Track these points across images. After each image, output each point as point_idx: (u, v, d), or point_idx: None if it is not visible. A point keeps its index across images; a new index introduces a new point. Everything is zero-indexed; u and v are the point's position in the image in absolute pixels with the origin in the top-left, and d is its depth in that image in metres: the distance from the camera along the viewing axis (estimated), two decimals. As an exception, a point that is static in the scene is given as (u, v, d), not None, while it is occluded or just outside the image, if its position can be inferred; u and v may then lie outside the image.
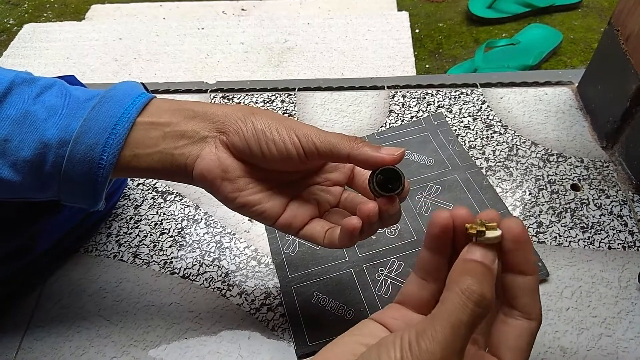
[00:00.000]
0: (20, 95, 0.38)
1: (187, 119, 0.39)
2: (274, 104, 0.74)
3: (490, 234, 0.29)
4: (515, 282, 0.30)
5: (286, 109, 0.73)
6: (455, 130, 0.68)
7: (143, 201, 0.62)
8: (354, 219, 0.37)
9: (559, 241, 0.56)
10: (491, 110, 0.71)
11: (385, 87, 0.75)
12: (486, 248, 0.29)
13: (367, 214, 0.37)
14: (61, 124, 0.37)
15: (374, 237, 0.57)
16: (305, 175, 0.42)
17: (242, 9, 1.63)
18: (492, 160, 0.64)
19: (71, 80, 0.57)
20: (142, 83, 0.42)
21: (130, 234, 0.59)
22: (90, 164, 0.37)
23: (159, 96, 0.41)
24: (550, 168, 0.63)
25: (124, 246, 0.58)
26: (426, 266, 0.33)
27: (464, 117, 0.70)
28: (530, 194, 0.61)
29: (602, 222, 0.58)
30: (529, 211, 0.59)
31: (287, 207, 0.41)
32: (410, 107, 0.72)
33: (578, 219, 0.58)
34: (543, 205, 0.60)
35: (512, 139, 0.67)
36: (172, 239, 0.59)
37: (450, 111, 0.71)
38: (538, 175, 0.62)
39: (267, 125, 0.38)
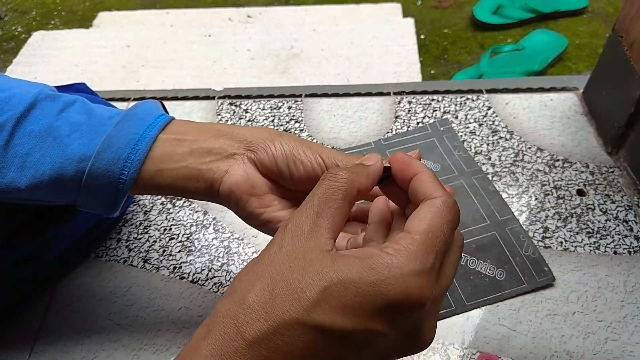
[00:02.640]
0: (43, 110, 0.39)
1: (214, 137, 0.40)
2: (281, 110, 0.74)
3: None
4: (413, 185, 0.32)
5: (293, 116, 0.73)
6: (461, 136, 0.69)
7: (152, 207, 0.63)
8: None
9: (565, 246, 0.57)
10: (497, 116, 0.71)
11: (391, 93, 0.76)
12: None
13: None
14: (84, 139, 0.38)
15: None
16: None
17: (248, 16, 1.64)
18: (498, 166, 0.65)
19: (82, 87, 0.58)
20: (161, 103, 0.43)
21: (140, 239, 0.60)
22: (111, 178, 0.38)
23: (166, 103, 0.41)
24: (556, 173, 0.63)
25: (133, 251, 0.59)
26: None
27: (470, 122, 0.70)
28: (536, 199, 0.61)
29: (607, 227, 0.58)
30: (535, 216, 0.59)
31: None
32: (416, 113, 0.72)
33: (584, 224, 0.58)
34: (549, 210, 0.60)
35: (518, 145, 0.67)
36: (181, 244, 0.59)
37: (456, 117, 0.71)
38: (544, 181, 0.63)
39: (295, 147, 0.39)
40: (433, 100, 0.74)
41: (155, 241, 0.60)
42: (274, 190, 0.40)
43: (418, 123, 0.71)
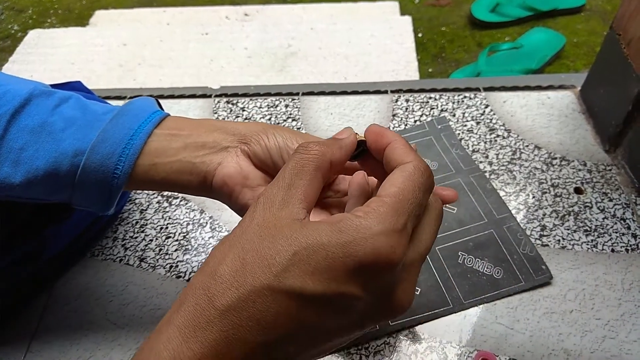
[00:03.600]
0: (38, 106, 0.39)
1: (208, 131, 0.40)
2: (278, 108, 0.74)
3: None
4: (386, 154, 0.32)
5: (290, 114, 0.73)
6: (459, 134, 0.68)
7: (149, 205, 0.63)
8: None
9: (563, 244, 0.56)
10: (494, 114, 0.71)
11: (389, 92, 0.76)
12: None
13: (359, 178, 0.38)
14: (78, 134, 0.38)
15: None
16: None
17: (245, 14, 1.64)
18: (496, 164, 0.65)
19: (78, 86, 0.58)
20: (156, 100, 0.43)
21: (136, 238, 0.60)
22: (105, 173, 0.38)
23: (163, 101, 0.41)
24: (553, 171, 0.63)
25: (130, 250, 0.59)
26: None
27: (467, 121, 0.70)
28: (533, 197, 0.61)
29: (605, 225, 0.58)
30: (533, 214, 0.59)
31: None
32: (413, 111, 0.72)
33: (581, 222, 0.58)
34: (546, 208, 0.60)
35: (515, 143, 0.67)
36: (177, 242, 0.59)
37: (454, 115, 0.71)
38: (541, 179, 0.63)
39: (289, 137, 0.39)
40: (430, 98, 0.74)
41: (151, 240, 0.60)
42: (268, 182, 0.40)
43: (415, 121, 0.71)
